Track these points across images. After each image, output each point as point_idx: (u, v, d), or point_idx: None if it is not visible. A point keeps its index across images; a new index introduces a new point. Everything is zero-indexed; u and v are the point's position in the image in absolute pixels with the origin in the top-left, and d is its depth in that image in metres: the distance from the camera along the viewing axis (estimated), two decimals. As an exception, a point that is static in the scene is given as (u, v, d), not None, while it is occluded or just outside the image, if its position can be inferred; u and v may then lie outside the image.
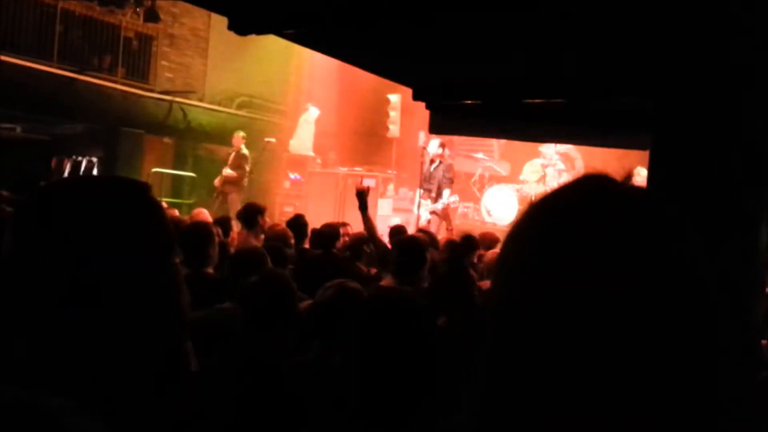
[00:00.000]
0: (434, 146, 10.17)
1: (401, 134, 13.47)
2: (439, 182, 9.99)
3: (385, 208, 12.79)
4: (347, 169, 13.46)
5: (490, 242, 6.54)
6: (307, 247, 5.71)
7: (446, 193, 9.96)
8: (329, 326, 2.56)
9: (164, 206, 6.41)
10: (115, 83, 11.99)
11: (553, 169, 12.69)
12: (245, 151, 11.87)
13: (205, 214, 8.50)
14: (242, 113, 14.56)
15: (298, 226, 5.81)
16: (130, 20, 12.67)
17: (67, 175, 11.73)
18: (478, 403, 0.69)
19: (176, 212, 8.83)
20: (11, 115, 11.18)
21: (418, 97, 4.59)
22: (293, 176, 13.87)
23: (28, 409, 0.76)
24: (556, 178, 12.74)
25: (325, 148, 14.35)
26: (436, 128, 6.14)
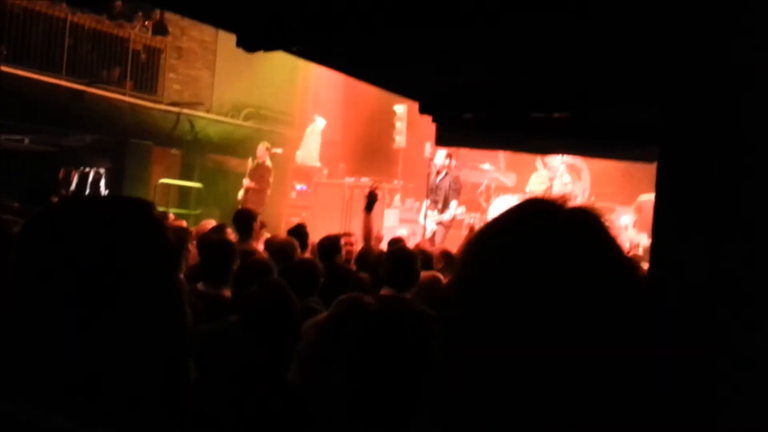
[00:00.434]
0: (441, 157, 10.16)
1: (407, 145, 13.48)
2: (446, 193, 9.98)
3: (391, 218, 12.79)
4: (353, 179, 13.48)
5: None
6: (308, 256, 5.76)
7: (453, 204, 9.95)
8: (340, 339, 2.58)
9: (171, 217, 6.44)
10: (123, 95, 12.08)
11: (559, 180, 12.68)
12: (269, 162, 11.93)
13: (212, 225, 8.52)
14: (249, 124, 14.61)
15: (299, 235, 5.89)
16: (138, 33, 12.77)
17: (74, 186, 11.81)
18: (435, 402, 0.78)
19: (184, 223, 8.86)
20: (20, 126, 11.26)
21: (424, 110, 4.61)
22: (300, 187, 13.91)
23: (38, 429, 0.77)
24: (561, 188, 12.72)
25: (331, 159, 14.37)
26: (442, 141, 6.16)
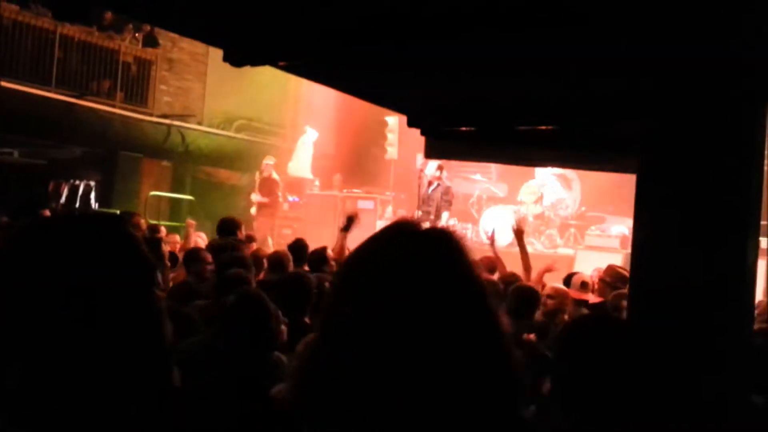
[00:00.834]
0: (432, 168, 10.19)
1: (399, 156, 13.51)
2: (437, 205, 10.00)
3: (383, 230, 12.76)
4: (345, 191, 13.48)
5: (490, 266, 6.54)
6: (307, 269, 5.85)
7: (445, 215, 9.97)
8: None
9: (163, 230, 6.42)
10: (113, 108, 12.05)
11: (550, 189, 12.71)
12: (276, 176, 12.00)
13: (202, 238, 8.49)
14: (240, 136, 14.60)
15: (298, 249, 6.07)
16: (128, 45, 12.75)
17: (64, 199, 11.75)
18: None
19: (177, 237, 8.82)
20: (10, 139, 11.22)
21: (413, 123, 4.60)
22: (291, 199, 13.89)
23: None
24: (552, 198, 12.75)
25: (323, 170, 14.37)
26: (431, 153, 6.16)
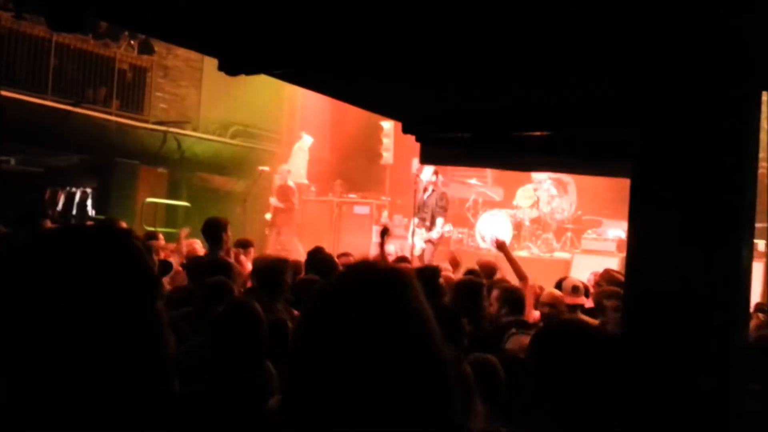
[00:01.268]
0: (428, 173, 10.16)
1: (395, 161, 13.53)
2: (432, 211, 9.99)
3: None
4: (341, 197, 13.51)
5: (489, 270, 6.56)
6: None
7: (440, 221, 9.95)
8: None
9: (161, 238, 6.47)
10: (109, 115, 12.05)
11: (546, 194, 12.75)
12: (291, 183, 12.09)
13: (199, 245, 8.46)
14: (236, 142, 14.61)
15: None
16: (124, 52, 12.77)
17: (61, 206, 11.74)
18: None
19: (173, 245, 8.79)
20: (6, 147, 11.20)
21: (407, 130, 4.64)
22: (288, 204, 13.89)
23: None
24: (548, 202, 12.79)
25: (319, 175, 14.39)
26: (427, 159, 6.22)
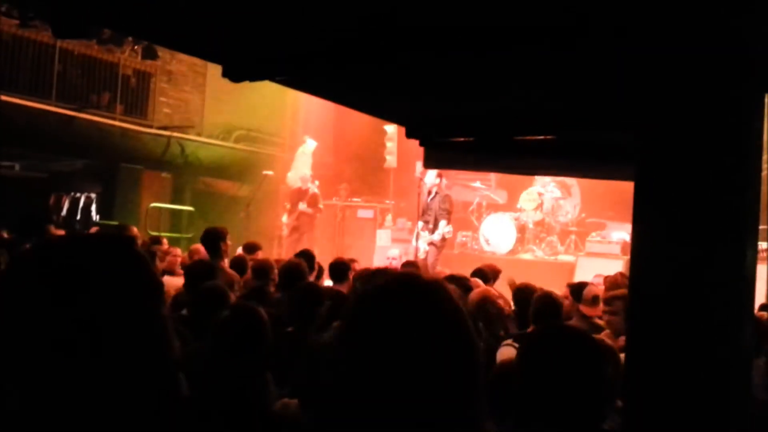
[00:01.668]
0: (431, 177, 10.18)
1: (398, 164, 13.53)
2: (435, 214, 10.00)
3: (383, 238, 12.79)
4: (345, 201, 13.53)
5: (494, 273, 6.57)
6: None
7: (442, 224, 9.97)
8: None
9: (165, 242, 6.49)
10: (113, 120, 12.08)
11: (550, 196, 12.74)
12: (316, 190, 12.43)
13: (203, 250, 8.45)
14: (240, 147, 14.63)
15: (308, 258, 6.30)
16: (128, 58, 12.80)
17: (65, 211, 11.78)
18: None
19: (178, 250, 8.79)
20: (10, 153, 11.25)
21: (411, 134, 4.64)
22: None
23: None
24: (552, 204, 12.78)
25: (323, 179, 14.40)
26: (430, 163, 6.21)
